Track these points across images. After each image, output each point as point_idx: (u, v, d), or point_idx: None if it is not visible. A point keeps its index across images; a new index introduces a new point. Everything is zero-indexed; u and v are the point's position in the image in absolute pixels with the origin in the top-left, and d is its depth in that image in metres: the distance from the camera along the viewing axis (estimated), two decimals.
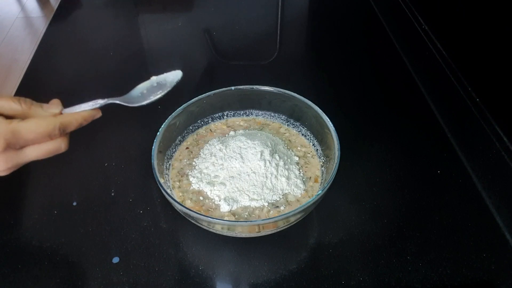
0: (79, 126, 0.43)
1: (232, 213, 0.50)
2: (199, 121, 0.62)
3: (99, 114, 0.46)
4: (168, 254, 0.51)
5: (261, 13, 0.97)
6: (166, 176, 0.55)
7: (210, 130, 0.62)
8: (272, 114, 0.63)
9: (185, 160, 0.57)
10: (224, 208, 0.50)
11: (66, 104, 0.65)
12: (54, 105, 0.43)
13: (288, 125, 0.62)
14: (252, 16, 0.96)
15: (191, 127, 0.61)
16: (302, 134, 0.60)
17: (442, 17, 0.72)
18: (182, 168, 0.56)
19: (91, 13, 0.96)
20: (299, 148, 0.59)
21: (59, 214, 0.55)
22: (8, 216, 0.55)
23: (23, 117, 0.40)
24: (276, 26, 0.94)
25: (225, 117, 0.63)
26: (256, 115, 0.64)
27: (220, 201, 0.51)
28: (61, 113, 0.43)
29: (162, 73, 0.49)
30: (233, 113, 0.64)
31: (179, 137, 0.59)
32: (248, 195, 0.51)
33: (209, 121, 0.63)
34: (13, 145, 0.38)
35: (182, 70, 0.48)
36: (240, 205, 0.51)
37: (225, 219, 0.50)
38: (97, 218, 0.55)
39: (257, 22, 0.94)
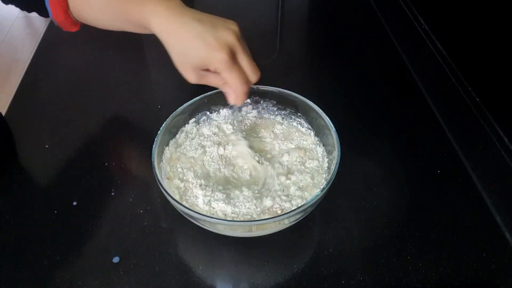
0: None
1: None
2: (199, 121, 0.62)
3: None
4: (168, 254, 0.51)
5: (262, 12, 0.97)
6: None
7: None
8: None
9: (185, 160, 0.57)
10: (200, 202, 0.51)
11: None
12: None
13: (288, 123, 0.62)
14: (253, 15, 0.96)
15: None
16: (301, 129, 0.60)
17: (442, 17, 0.72)
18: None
19: None
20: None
21: (59, 214, 0.55)
22: (8, 216, 0.55)
23: None
24: (276, 25, 0.94)
25: None
26: None
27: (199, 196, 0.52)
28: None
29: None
30: None
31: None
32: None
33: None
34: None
35: None
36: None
37: (225, 219, 0.50)
38: (97, 218, 0.55)
39: (258, 21, 0.94)
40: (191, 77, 0.48)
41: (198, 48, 0.45)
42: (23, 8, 0.55)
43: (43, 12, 0.54)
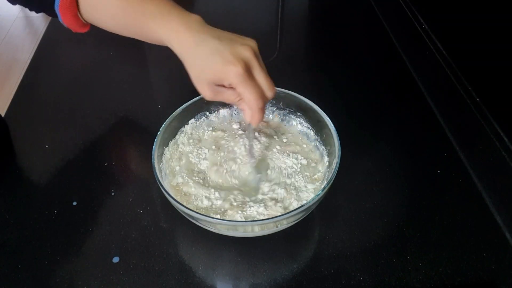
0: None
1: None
2: (199, 122, 0.62)
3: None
4: (168, 254, 0.51)
5: (261, 13, 0.97)
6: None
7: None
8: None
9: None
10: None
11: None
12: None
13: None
14: (252, 15, 0.96)
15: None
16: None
17: (442, 17, 0.72)
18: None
19: None
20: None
21: (59, 214, 0.55)
22: (8, 216, 0.55)
23: None
24: (276, 25, 0.94)
25: None
26: None
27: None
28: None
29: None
30: None
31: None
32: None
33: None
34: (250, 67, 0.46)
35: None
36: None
37: (225, 219, 0.50)
38: (97, 218, 0.55)
39: (257, 21, 0.94)
40: (207, 93, 0.48)
41: (215, 62, 0.45)
42: (31, 8, 0.55)
43: (52, 14, 0.54)
